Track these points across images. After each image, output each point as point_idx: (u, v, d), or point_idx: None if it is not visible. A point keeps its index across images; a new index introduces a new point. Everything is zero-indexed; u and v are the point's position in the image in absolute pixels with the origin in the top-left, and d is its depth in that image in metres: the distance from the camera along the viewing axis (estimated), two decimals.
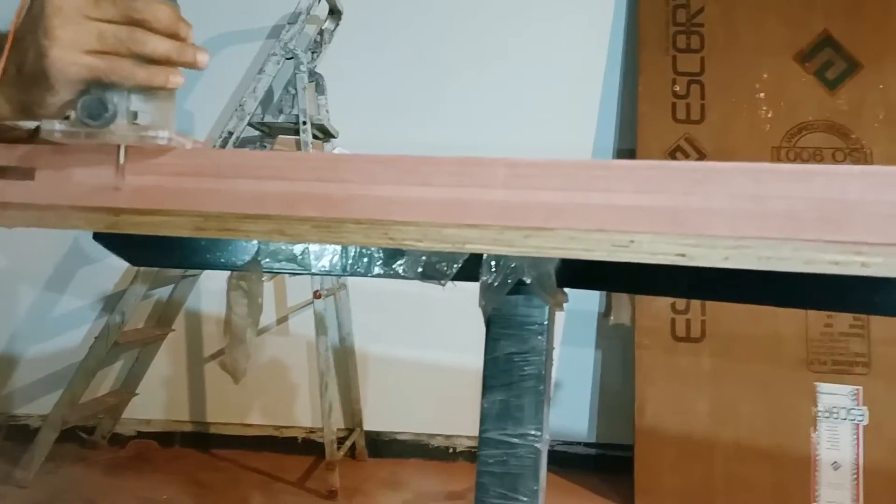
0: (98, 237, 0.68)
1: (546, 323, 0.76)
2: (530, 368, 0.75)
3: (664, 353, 1.97)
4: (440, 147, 2.17)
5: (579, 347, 2.22)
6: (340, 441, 2.12)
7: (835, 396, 1.84)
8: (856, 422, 1.80)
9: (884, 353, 1.87)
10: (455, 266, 0.75)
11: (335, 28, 2.16)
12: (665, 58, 2.16)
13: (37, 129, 0.57)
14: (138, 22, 0.56)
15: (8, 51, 0.57)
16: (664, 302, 2.00)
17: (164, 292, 2.29)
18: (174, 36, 0.59)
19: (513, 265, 0.72)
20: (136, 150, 0.58)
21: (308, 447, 2.27)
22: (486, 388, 0.77)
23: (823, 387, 1.85)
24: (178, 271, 2.14)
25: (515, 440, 0.77)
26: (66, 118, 0.57)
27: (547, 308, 0.77)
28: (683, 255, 0.42)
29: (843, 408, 1.82)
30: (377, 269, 0.72)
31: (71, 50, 0.55)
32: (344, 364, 2.26)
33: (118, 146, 0.58)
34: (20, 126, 0.59)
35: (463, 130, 2.22)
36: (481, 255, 0.72)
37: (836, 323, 1.91)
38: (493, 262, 0.71)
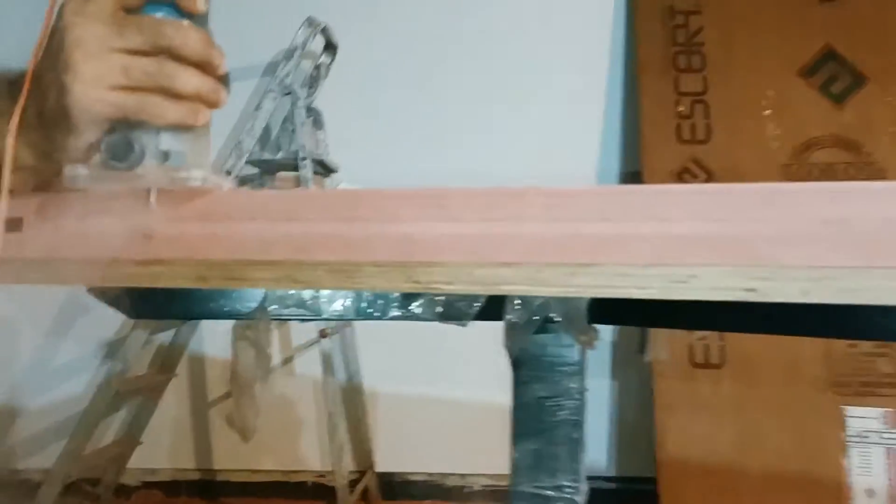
0: (93, 289, 0.63)
1: (579, 363, 0.71)
2: (564, 413, 0.69)
3: (683, 380, 1.90)
4: (443, 174, 2.13)
5: (593, 378, 2.14)
6: (352, 484, 2.05)
7: (864, 420, 1.77)
8: (888, 445, 1.73)
9: None
10: (476, 305, 0.70)
11: (331, 62, 2.14)
12: (667, 78, 2.13)
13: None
14: (167, 49, 0.51)
15: (27, 91, 0.52)
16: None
17: (166, 337, 2.23)
18: (206, 65, 0.53)
19: (539, 302, 0.66)
20: (166, 193, 0.53)
21: (319, 491, 2.19)
22: (517, 436, 0.72)
23: (852, 410, 1.79)
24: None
25: (551, 493, 0.71)
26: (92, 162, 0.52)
27: (578, 347, 0.71)
28: (753, 290, 0.37)
29: (874, 431, 1.75)
30: (394, 312, 0.67)
31: (95, 86, 0.50)
32: (353, 403, 2.19)
33: (148, 190, 0.53)
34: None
35: (465, 158, 2.18)
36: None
37: (859, 343, 1.85)
38: (517, 300, 0.66)
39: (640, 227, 0.40)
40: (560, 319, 0.68)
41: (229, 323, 1.78)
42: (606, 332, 2.13)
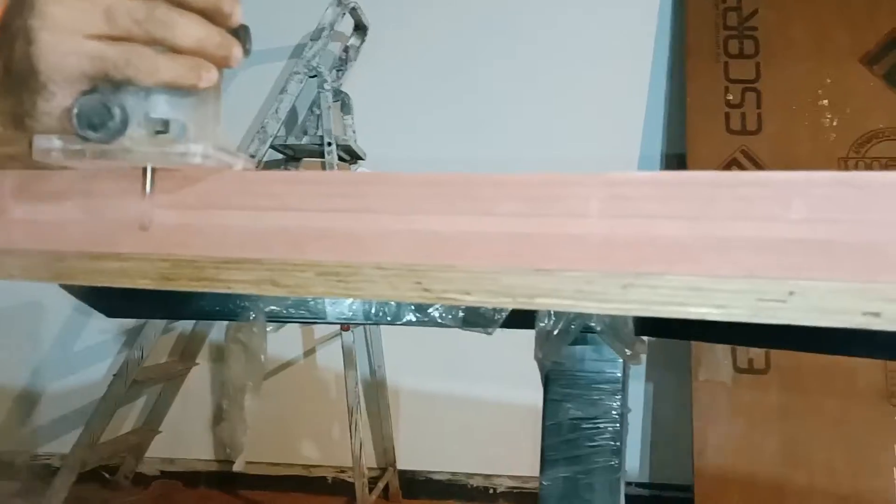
0: (68, 286, 0.55)
1: (621, 380, 0.61)
2: (602, 438, 0.60)
3: (725, 386, 1.79)
4: (477, 163, 2.04)
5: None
6: (373, 481, 1.98)
7: None
8: None
9: None
10: (503, 312, 0.60)
11: (361, 44, 2.05)
12: (716, 65, 2.00)
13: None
14: None
15: None
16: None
17: (186, 325, 2.18)
18: (214, 13, 0.43)
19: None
20: (165, 174, 0.43)
21: (339, 487, 2.13)
22: (546, 461, 0.62)
23: None
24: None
25: None
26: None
27: (621, 362, 0.62)
28: (877, 315, 0.28)
29: None
30: (409, 317, 0.58)
31: (68, 34, 0.41)
32: (375, 399, 2.12)
33: (143, 169, 0.42)
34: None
35: (501, 144, 2.08)
36: None
37: None
38: None
39: (727, 227, 0.31)
40: (601, 329, 0.59)
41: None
42: None
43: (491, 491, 2.11)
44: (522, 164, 2.01)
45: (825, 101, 1.93)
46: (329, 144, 1.83)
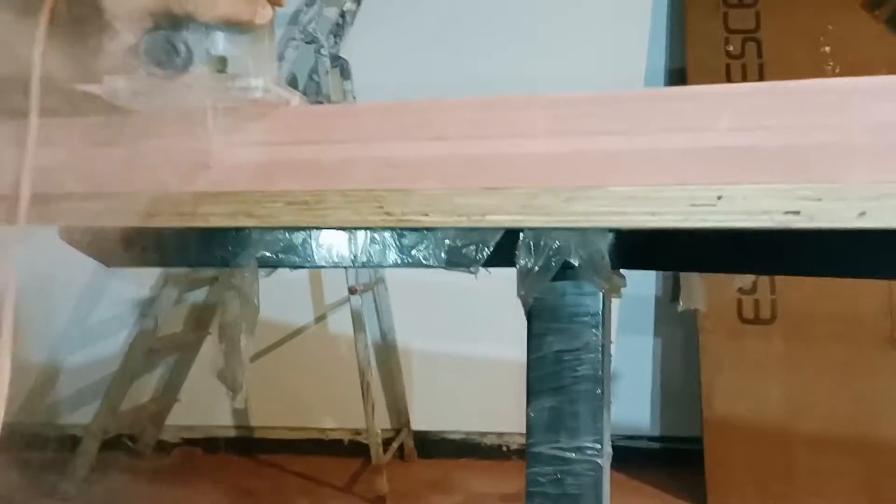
0: (66, 233, 0.58)
1: (601, 312, 0.63)
2: (584, 368, 0.62)
3: (731, 337, 1.80)
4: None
5: (637, 335, 2.07)
6: (387, 442, 2.02)
7: None
8: None
9: None
10: (486, 250, 0.62)
11: (357, 8, 2.05)
12: (715, 15, 1.98)
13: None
14: None
15: None
16: (728, 281, 1.83)
17: (199, 295, 2.22)
18: None
19: (556, 245, 0.59)
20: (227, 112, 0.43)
21: (355, 449, 2.18)
22: (532, 393, 0.65)
23: None
24: (211, 271, 2.06)
25: (571, 455, 0.64)
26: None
27: (601, 295, 0.63)
28: (797, 213, 0.29)
29: None
30: (392, 257, 0.60)
31: None
32: (387, 362, 2.16)
33: (205, 106, 0.43)
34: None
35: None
36: (518, 235, 0.60)
37: None
38: (531, 243, 0.59)
39: (660, 140, 0.32)
40: (580, 264, 0.60)
41: (265, 283, 1.75)
42: (649, 285, 2.03)
43: (504, 448, 2.15)
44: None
45: (826, 49, 1.91)
46: None
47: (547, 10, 2.08)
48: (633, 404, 2.06)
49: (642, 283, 1.98)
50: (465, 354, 2.14)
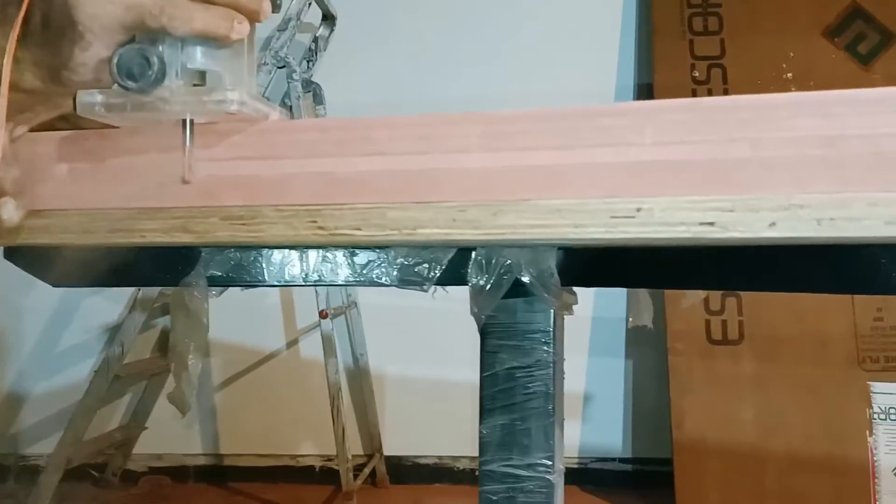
0: (9, 252, 0.57)
1: (552, 329, 0.63)
2: (536, 385, 0.62)
3: (700, 358, 1.82)
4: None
5: (608, 357, 2.07)
6: (359, 468, 2.00)
7: (891, 396, 1.66)
8: None
9: None
10: (438, 267, 0.62)
11: (330, 34, 2.06)
12: (682, 43, 2.03)
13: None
14: None
15: None
16: (697, 301, 1.85)
17: (166, 320, 2.20)
18: None
19: (507, 262, 0.59)
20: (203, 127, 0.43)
21: (327, 476, 2.14)
22: (485, 411, 0.65)
23: (878, 386, 1.68)
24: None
25: (522, 472, 0.64)
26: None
27: (552, 312, 0.64)
28: (712, 224, 0.30)
29: None
30: (344, 276, 0.60)
31: None
32: (360, 387, 2.14)
33: (183, 120, 0.43)
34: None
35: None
36: (470, 253, 0.60)
37: (886, 316, 1.75)
38: (482, 261, 0.59)
39: (588, 154, 0.33)
40: (531, 281, 0.61)
41: (234, 302, 1.73)
42: (620, 307, 2.04)
43: (477, 473, 2.13)
44: None
45: (789, 75, 1.96)
46: None
47: (517, 31, 2.12)
48: (604, 426, 2.06)
49: (613, 305, 1.99)
50: (439, 378, 2.13)
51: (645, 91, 2.07)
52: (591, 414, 2.07)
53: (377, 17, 2.17)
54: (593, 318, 2.06)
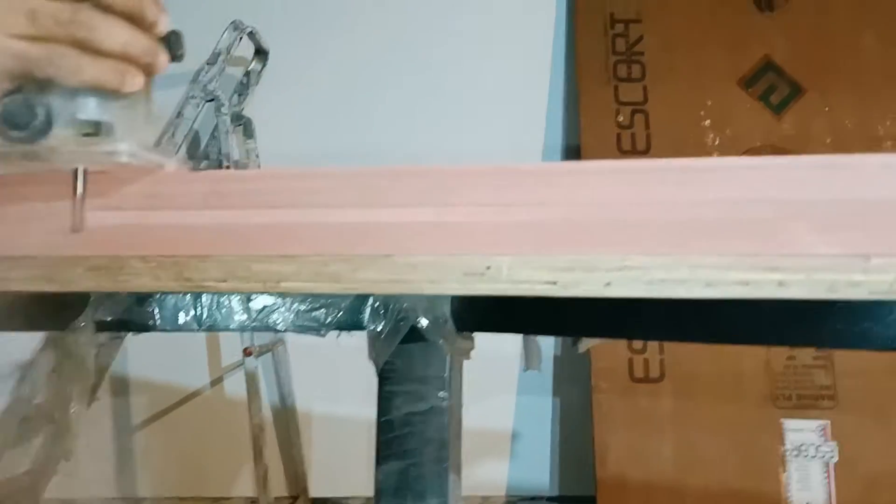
0: None
1: (447, 375, 0.64)
2: (431, 431, 0.62)
3: (623, 396, 1.85)
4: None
5: (536, 395, 2.09)
6: None
7: (802, 433, 1.73)
8: (825, 459, 1.69)
9: (849, 385, 1.77)
10: (337, 313, 0.63)
11: (262, 69, 2.06)
12: (607, 88, 2.10)
13: None
14: None
15: None
16: (621, 341, 1.89)
17: None
18: (139, 20, 0.44)
19: (404, 308, 0.60)
20: (102, 177, 0.43)
21: None
22: (381, 457, 0.65)
23: (790, 423, 1.75)
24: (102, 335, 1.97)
25: None
26: None
27: (448, 358, 0.65)
28: (554, 283, 0.31)
29: (812, 444, 1.71)
30: (238, 319, 0.60)
31: None
32: (285, 425, 2.09)
33: (75, 170, 0.43)
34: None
35: (410, 157, 2.11)
36: (367, 299, 0.61)
37: (798, 355, 1.82)
38: (380, 306, 0.60)
39: (442, 213, 0.34)
40: (426, 328, 0.62)
41: (155, 338, 1.68)
42: (548, 345, 2.07)
43: None
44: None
45: (707, 122, 2.05)
46: (228, 167, 1.83)
47: (452, 87, 2.16)
48: (531, 464, 2.07)
49: (542, 343, 2.02)
50: (369, 417, 2.10)
51: (574, 151, 2.13)
52: (519, 451, 2.07)
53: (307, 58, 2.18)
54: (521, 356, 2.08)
